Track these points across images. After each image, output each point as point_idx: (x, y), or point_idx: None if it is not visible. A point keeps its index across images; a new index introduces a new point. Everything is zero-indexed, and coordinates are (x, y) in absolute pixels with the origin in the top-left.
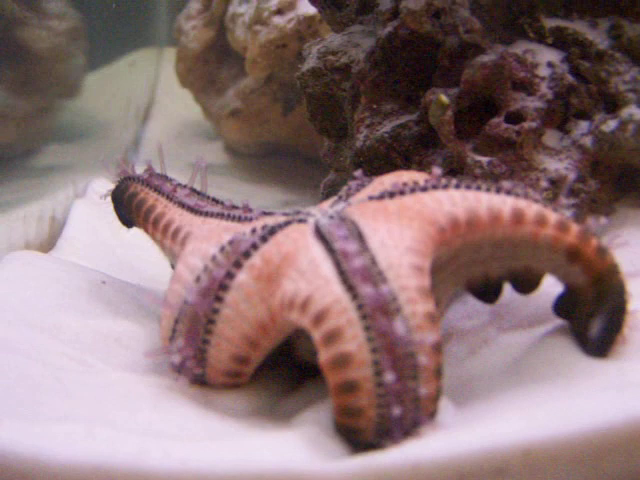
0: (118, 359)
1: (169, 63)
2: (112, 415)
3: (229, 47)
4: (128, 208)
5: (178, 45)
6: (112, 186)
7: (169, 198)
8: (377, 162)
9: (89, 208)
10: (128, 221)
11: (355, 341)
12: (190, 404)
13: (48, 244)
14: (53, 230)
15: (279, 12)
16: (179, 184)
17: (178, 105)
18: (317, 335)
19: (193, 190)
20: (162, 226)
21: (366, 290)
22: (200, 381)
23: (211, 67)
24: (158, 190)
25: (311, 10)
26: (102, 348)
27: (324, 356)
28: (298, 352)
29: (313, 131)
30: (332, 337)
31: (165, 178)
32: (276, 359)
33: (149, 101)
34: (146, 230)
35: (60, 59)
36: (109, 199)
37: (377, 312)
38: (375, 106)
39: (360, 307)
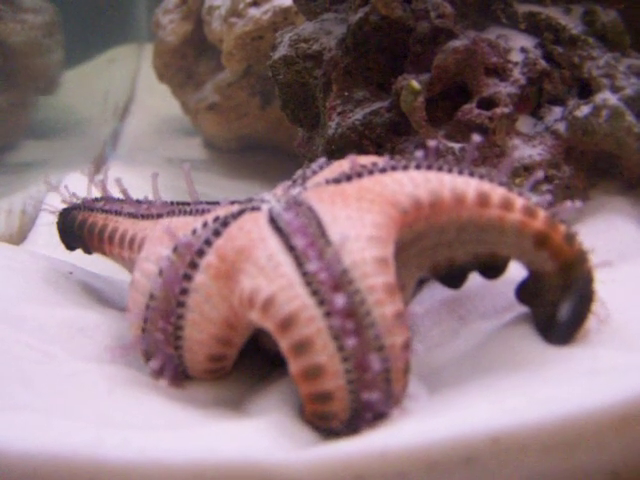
0: (82, 349)
1: (149, 59)
2: (72, 405)
3: (206, 41)
4: (80, 236)
5: (156, 39)
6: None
7: (117, 213)
8: (349, 150)
9: (62, 202)
10: (72, 247)
11: (326, 351)
12: (154, 395)
13: (18, 237)
14: (24, 224)
15: (255, 4)
16: (121, 199)
17: (157, 101)
18: (285, 343)
19: (138, 200)
20: (118, 239)
21: (333, 295)
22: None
23: (189, 61)
24: (105, 210)
25: (287, 2)
26: (66, 339)
27: (295, 367)
28: (263, 341)
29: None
30: (302, 347)
31: (108, 197)
32: (244, 350)
33: (128, 97)
34: (104, 251)
35: (36, 54)
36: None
37: (346, 319)
38: (347, 93)
39: (328, 315)
